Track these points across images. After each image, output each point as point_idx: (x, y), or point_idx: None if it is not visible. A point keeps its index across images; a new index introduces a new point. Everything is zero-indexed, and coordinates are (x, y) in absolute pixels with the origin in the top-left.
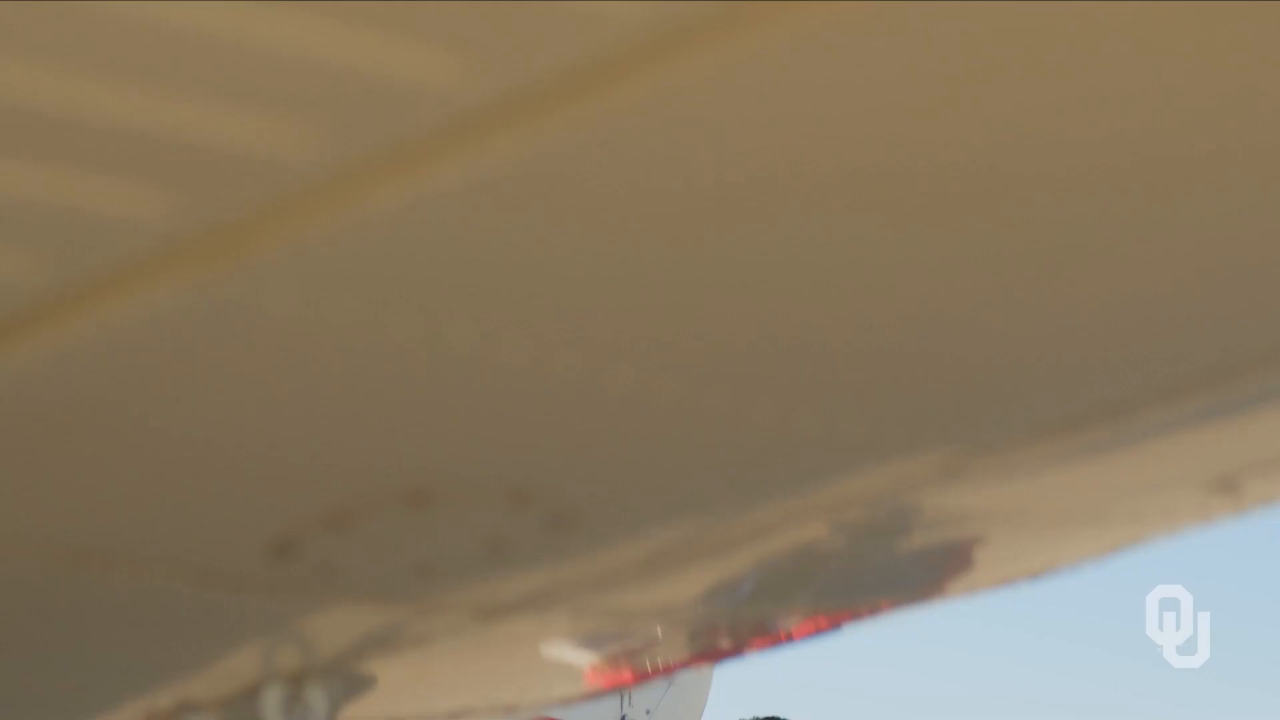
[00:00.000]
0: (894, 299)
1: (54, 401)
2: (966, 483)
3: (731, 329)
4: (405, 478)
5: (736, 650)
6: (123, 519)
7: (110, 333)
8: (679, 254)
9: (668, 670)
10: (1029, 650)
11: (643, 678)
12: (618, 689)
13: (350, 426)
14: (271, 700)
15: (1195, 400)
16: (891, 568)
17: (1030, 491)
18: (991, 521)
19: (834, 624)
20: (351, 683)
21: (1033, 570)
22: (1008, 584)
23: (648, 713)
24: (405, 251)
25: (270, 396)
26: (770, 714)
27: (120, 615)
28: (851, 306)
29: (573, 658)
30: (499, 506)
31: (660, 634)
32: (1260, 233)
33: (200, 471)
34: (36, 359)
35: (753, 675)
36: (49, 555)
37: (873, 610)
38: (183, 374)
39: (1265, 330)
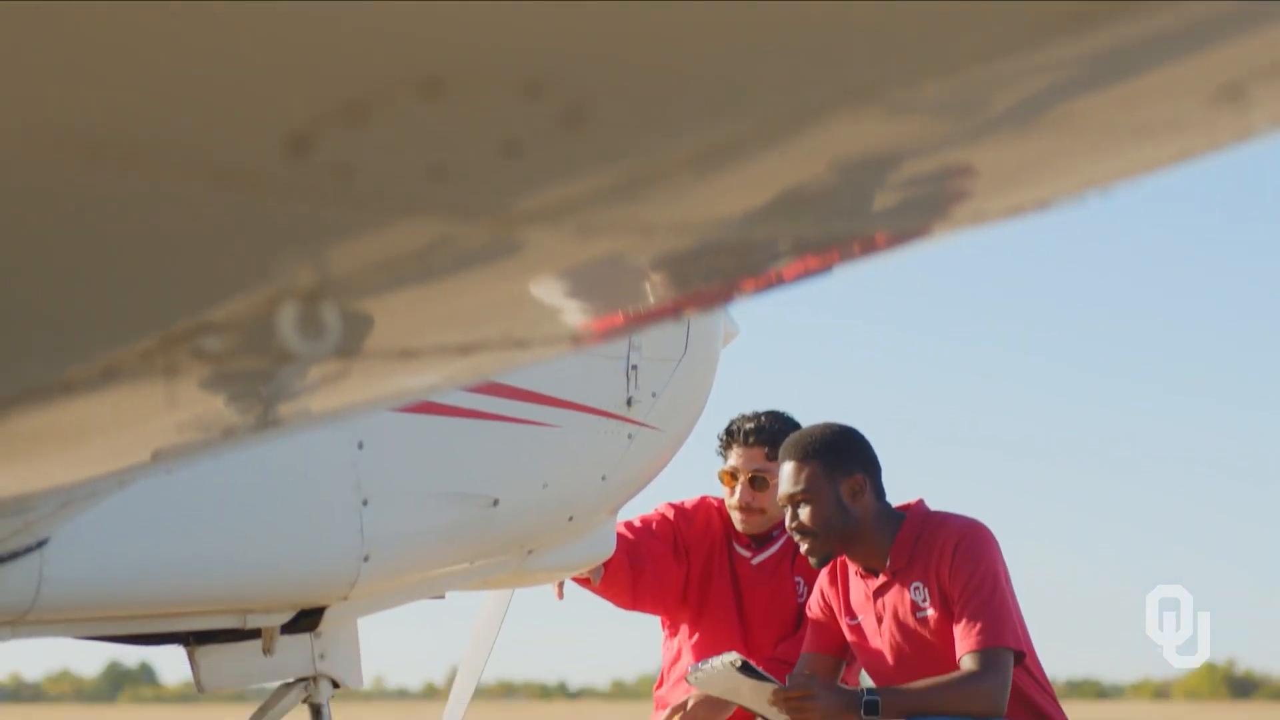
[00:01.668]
0: None
1: None
2: (967, 91)
3: None
4: (418, 66)
5: (729, 292)
6: (136, 109)
7: None
8: None
9: (667, 313)
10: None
11: (644, 319)
12: (622, 332)
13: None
14: (287, 320)
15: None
16: (892, 191)
17: (1032, 106)
18: (994, 140)
19: (826, 264)
20: (366, 308)
21: (1040, 199)
22: (1016, 214)
23: (654, 395)
24: None
25: None
26: (770, 409)
27: (135, 225)
28: None
29: (582, 288)
30: (512, 98)
31: (664, 263)
32: None
33: (214, 53)
34: None
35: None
36: (62, 150)
37: (867, 247)
38: None
39: None
